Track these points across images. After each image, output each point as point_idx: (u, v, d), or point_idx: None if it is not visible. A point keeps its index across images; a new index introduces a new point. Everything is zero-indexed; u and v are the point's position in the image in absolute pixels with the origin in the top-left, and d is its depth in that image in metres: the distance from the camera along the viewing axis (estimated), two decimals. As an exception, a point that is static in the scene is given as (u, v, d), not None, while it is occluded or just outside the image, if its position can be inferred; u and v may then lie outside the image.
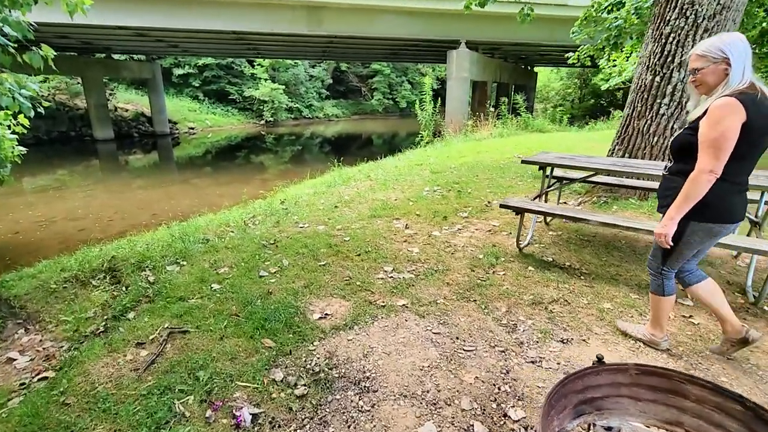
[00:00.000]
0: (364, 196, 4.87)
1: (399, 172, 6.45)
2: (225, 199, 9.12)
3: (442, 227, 3.69)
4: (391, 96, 35.53)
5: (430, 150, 8.73)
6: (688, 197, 1.68)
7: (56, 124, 18.25)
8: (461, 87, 13.16)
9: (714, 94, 1.65)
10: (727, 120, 1.57)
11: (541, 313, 2.33)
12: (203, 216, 5.88)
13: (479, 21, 12.77)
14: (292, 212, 4.35)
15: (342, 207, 4.44)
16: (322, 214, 4.20)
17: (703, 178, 1.64)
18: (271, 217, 4.21)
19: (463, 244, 3.29)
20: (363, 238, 3.40)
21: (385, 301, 2.43)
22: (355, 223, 3.83)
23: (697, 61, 1.69)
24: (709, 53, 1.65)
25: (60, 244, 6.59)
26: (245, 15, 11.35)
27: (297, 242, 3.33)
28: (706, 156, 1.63)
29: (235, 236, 3.62)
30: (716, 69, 1.64)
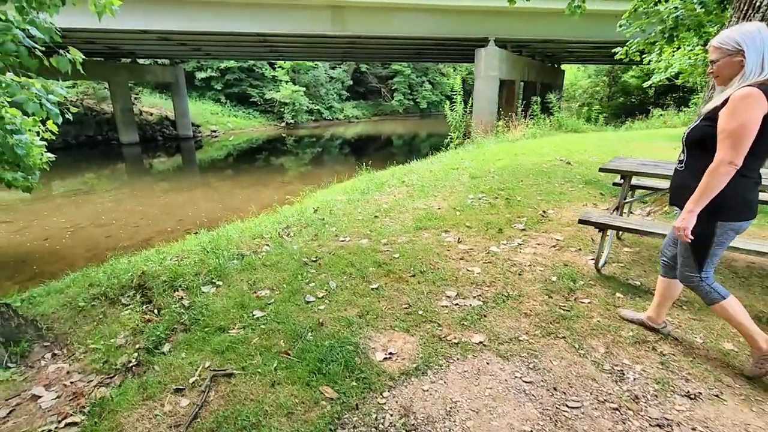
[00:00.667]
0: (404, 205, 4.52)
1: (435, 177, 6.08)
2: (250, 203, 8.91)
3: (500, 242, 3.30)
4: (412, 96, 35.15)
5: (463, 152, 8.32)
6: (706, 190, 1.62)
7: (84, 129, 18.53)
8: (490, 86, 12.69)
9: (731, 85, 1.62)
10: (749, 110, 1.52)
11: (649, 356, 1.94)
12: (232, 224, 5.65)
13: (509, 17, 12.28)
14: (329, 223, 4.03)
15: (382, 217, 4.10)
16: (362, 225, 3.87)
17: (722, 170, 1.58)
18: (307, 229, 3.90)
19: (529, 263, 2.90)
20: (413, 254, 3.05)
21: (458, 337, 2.07)
22: (401, 236, 3.48)
23: (714, 52, 1.66)
24: (725, 45, 1.62)
25: (87, 251, 6.47)
26: (269, 16, 11.17)
27: (341, 259, 3.00)
28: (725, 147, 1.57)
29: (271, 251, 3.32)
30: (731, 61, 1.61)
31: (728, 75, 1.64)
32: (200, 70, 23.91)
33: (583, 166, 6.38)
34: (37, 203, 9.08)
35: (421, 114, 36.21)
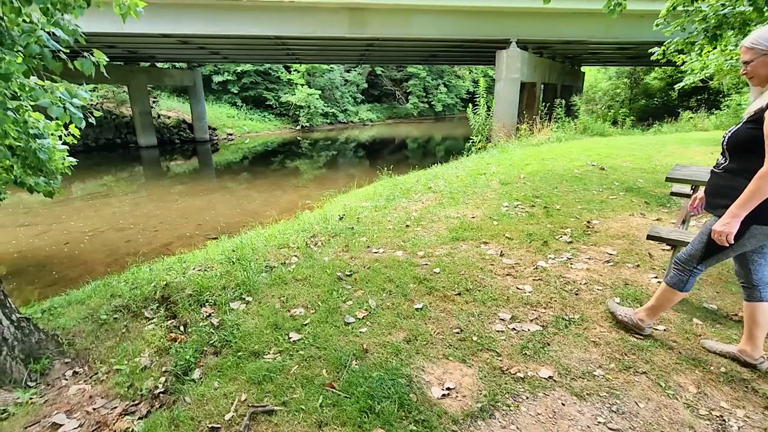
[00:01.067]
0: (435, 213, 4.29)
1: (462, 182, 5.84)
2: (269, 208, 8.80)
3: (546, 255, 3.05)
4: (427, 99, 34.94)
5: (488, 157, 8.06)
6: (755, 194, 1.55)
7: (103, 132, 18.76)
8: (511, 89, 12.38)
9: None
10: None
11: (750, 398, 1.67)
12: (253, 230, 5.50)
13: (531, 18, 11.99)
14: (358, 232, 3.83)
15: (414, 226, 3.88)
16: (394, 235, 3.66)
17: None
18: (335, 239, 3.70)
19: (585, 281, 2.65)
20: (455, 269, 2.82)
21: (522, 370, 1.83)
22: (438, 248, 3.25)
23: (747, 53, 1.61)
24: (758, 44, 1.57)
25: (107, 257, 6.39)
26: (287, 19, 11.08)
27: (377, 274, 2.79)
28: None
29: (301, 263, 3.12)
30: (764, 62, 1.56)
31: (764, 75, 1.58)
32: (217, 73, 24.07)
33: (618, 172, 6.07)
34: (57, 206, 9.09)
35: (435, 117, 35.95)
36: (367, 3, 10.82)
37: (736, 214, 1.60)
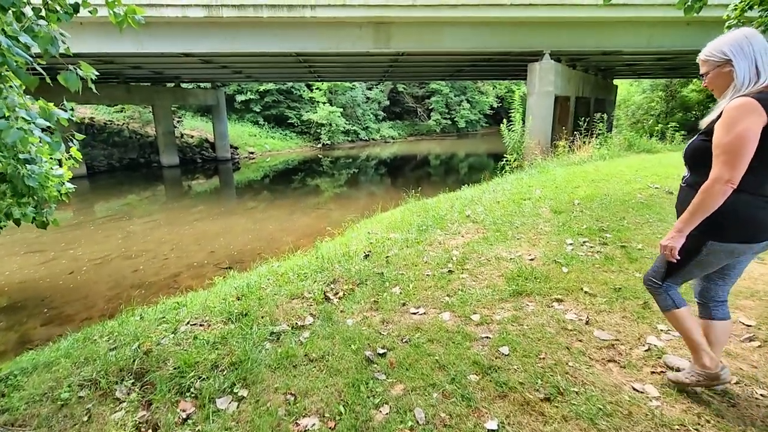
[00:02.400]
0: (482, 252, 3.51)
1: (506, 210, 5.04)
2: (286, 234, 8.18)
3: (655, 326, 2.22)
4: (449, 116, 34.36)
5: (527, 178, 7.23)
6: (699, 209, 1.49)
7: (128, 152, 18.86)
8: (545, 103, 11.55)
9: (725, 97, 1.50)
10: (744, 122, 1.39)
11: None
12: (265, 265, 4.84)
13: (566, 28, 11.23)
14: (389, 279, 3.09)
15: (459, 271, 3.11)
16: (435, 284, 2.90)
17: (717, 188, 1.44)
18: (361, 288, 2.97)
19: (735, 380, 1.81)
20: (529, 348, 2.03)
21: None
22: (497, 308, 2.48)
23: (703, 65, 1.58)
24: (711, 56, 1.54)
25: (110, 289, 5.84)
26: (309, 35, 10.69)
27: (421, 354, 2.03)
28: (720, 163, 1.44)
29: (317, 329, 2.40)
30: (720, 72, 1.52)
31: (722, 86, 1.54)
32: (240, 93, 24.18)
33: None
34: (69, 231, 8.74)
35: (458, 133, 35.25)
36: (394, 17, 10.31)
37: (680, 229, 1.56)
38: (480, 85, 36.64)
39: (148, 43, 10.40)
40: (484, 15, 10.44)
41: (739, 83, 1.46)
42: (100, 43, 10.30)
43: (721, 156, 1.44)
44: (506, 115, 43.70)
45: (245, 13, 9.86)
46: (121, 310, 3.94)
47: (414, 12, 10.21)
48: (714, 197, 1.45)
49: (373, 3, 9.98)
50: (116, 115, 21.20)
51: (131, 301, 5.50)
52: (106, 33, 10.08)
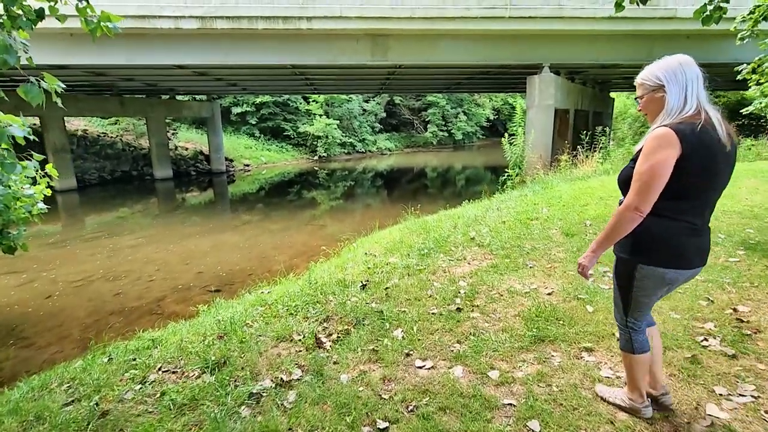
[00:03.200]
0: (493, 284, 3.18)
1: (513, 231, 4.72)
2: (279, 252, 7.81)
3: (711, 388, 1.87)
4: (446, 128, 34.32)
5: (532, 195, 6.93)
6: (610, 232, 1.55)
7: (120, 164, 18.49)
8: (545, 116, 11.35)
9: (656, 123, 1.52)
10: (658, 153, 1.43)
11: None
12: (254, 293, 4.49)
13: (566, 41, 11.09)
14: (390, 318, 2.74)
15: (468, 308, 2.77)
16: (443, 326, 2.56)
17: (627, 215, 1.50)
18: (359, 331, 2.61)
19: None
20: (564, 420, 1.68)
21: None
22: (517, 360, 2.13)
23: (639, 88, 1.60)
24: (647, 80, 1.55)
25: (89, 315, 5.44)
26: (305, 47, 10.48)
27: (431, 429, 1.66)
28: (633, 190, 1.49)
29: (305, 389, 2.03)
30: (653, 97, 1.53)
31: (654, 111, 1.55)
32: (236, 105, 23.97)
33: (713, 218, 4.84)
34: (53, 249, 8.34)
35: (454, 145, 35.19)
36: (392, 29, 10.13)
37: (594, 249, 1.60)
38: (476, 98, 36.72)
39: (140, 55, 10.14)
40: (482, 28, 10.28)
41: (668, 109, 1.48)
42: (91, 54, 10.04)
43: (635, 183, 1.48)
44: (503, 127, 43.60)
45: (240, 24, 9.64)
46: (91, 346, 3.56)
47: (412, 24, 10.03)
48: (624, 222, 1.50)
49: (371, 15, 9.80)
50: (110, 128, 20.87)
51: (108, 330, 5.11)
52: (97, 45, 9.78)
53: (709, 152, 1.43)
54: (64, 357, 4.45)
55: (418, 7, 9.81)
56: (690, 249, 1.54)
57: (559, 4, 10.06)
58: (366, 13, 9.74)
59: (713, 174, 1.47)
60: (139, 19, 9.32)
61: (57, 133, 14.21)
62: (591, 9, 10.23)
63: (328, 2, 9.65)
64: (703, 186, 1.49)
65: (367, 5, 9.76)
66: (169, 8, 9.28)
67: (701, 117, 1.44)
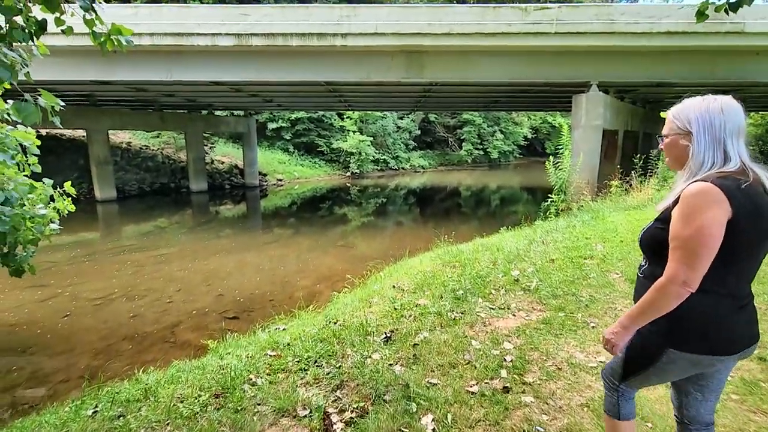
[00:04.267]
0: (548, 351, 2.57)
1: (564, 273, 4.07)
2: (303, 277, 7.41)
3: None
4: (481, 146, 33.55)
5: (580, 225, 6.20)
6: (648, 309, 1.27)
7: (159, 176, 19.02)
8: (593, 137, 10.53)
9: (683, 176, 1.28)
10: (705, 213, 1.17)
11: None
12: (268, 331, 4.07)
13: (616, 58, 10.32)
14: (417, 397, 2.19)
15: (518, 389, 2.19)
16: (485, 416, 1.99)
17: (672, 290, 1.21)
18: (377, 411, 2.08)
19: None
20: None
21: None
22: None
23: (667, 125, 1.37)
24: (677, 119, 1.31)
25: (101, 340, 5.19)
26: (339, 64, 10.29)
27: None
28: (677, 260, 1.20)
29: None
30: (677, 142, 1.30)
31: (675, 158, 1.33)
32: (272, 120, 24.37)
33: None
34: (83, 262, 8.35)
35: (489, 164, 34.29)
36: (428, 45, 9.75)
37: (625, 326, 1.33)
38: (514, 116, 35.81)
39: (178, 71, 10.27)
40: (524, 44, 9.71)
41: (697, 163, 1.26)
42: (132, 71, 10.27)
43: (678, 251, 1.22)
44: (541, 146, 42.36)
45: (274, 41, 9.56)
46: (84, 389, 3.22)
47: (449, 41, 9.61)
48: (667, 299, 1.24)
49: (407, 31, 9.48)
50: (153, 141, 21.66)
51: (116, 358, 4.83)
52: (137, 61, 10.03)
53: (758, 214, 1.20)
54: (66, 389, 4.17)
55: (456, 23, 9.40)
56: (737, 328, 1.30)
57: (611, 19, 9.36)
58: (402, 29, 9.43)
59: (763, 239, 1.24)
60: (176, 36, 9.43)
61: (100, 145, 14.72)
62: (646, 23, 9.46)
63: (364, 18, 9.43)
64: (753, 253, 1.26)
65: (403, 21, 9.46)
66: (206, 26, 9.34)
67: (748, 175, 1.21)
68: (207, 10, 9.47)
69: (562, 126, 9.88)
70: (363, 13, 9.40)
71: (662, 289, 1.24)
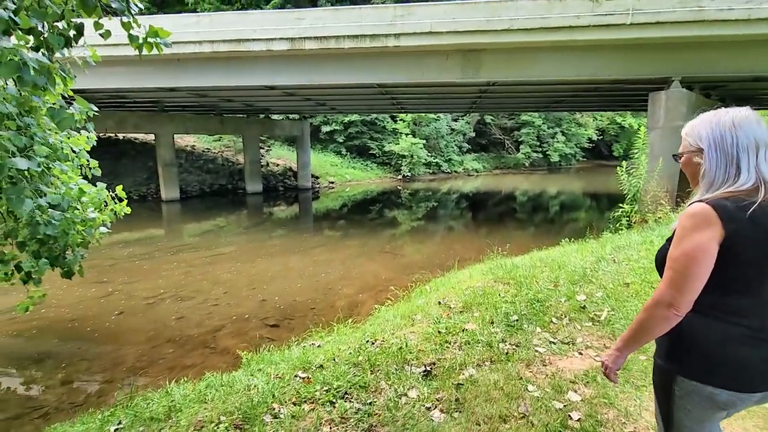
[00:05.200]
0: (627, 412, 2.05)
1: (642, 301, 3.43)
2: (346, 285, 7.17)
3: None
4: (540, 149, 31.83)
5: (660, 242, 5.37)
6: (638, 330, 1.25)
7: (218, 178, 19.96)
8: (673, 140, 9.34)
9: (696, 194, 1.24)
10: (693, 235, 1.14)
11: None
12: (302, 347, 3.84)
13: (704, 50, 9.07)
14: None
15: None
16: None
17: (658, 312, 1.18)
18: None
19: None
20: None
21: None
22: None
23: (682, 141, 1.31)
24: (688, 136, 1.28)
25: (147, 341, 5.28)
26: (391, 65, 10.01)
27: None
28: (665, 283, 1.18)
29: None
30: (690, 160, 1.27)
31: (691, 176, 1.30)
32: (326, 123, 24.76)
33: None
34: (142, 259, 8.77)
35: (549, 167, 32.42)
36: (485, 43, 9.18)
37: (619, 348, 1.32)
38: (578, 116, 33.60)
39: (234, 77, 10.55)
40: (594, 38, 8.82)
41: (708, 180, 1.20)
42: (194, 77, 10.71)
43: (667, 272, 1.19)
44: (607, 149, 39.34)
45: (327, 45, 9.50)
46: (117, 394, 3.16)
47: (509, 37, 8.97)
48: (654, 321, 1.19)
49: (463, 29, 8.98)
50: (214, 144, 22.86)
51: (158, 362, 4.86)
52: (199, 69, 10.45)
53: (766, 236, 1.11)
54: (110, 389, 4.23)
55: (517, 18, 8.75)
56: (751, 363, 1.15)
57: (698, 5, 8.21)
58: (458, 27, 8.95)
59: None
60: (234, 43, 9.67)
61: (166, 148, 15.65)
62: (742, 9, 8.19)
63: (418, 18, 9.07)
64: (763, 279, 1.16)
65: (460, 19, 8.98)
66: (261, 31, 9.48)
67: (760, 194, 1.13)
68: (262, 16, 9.62)
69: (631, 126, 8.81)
70: (417, 12, 9.05)
71: (649, 309, 1.22)
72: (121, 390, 4.17)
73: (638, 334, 1.26)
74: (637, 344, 1.31)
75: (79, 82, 11.23)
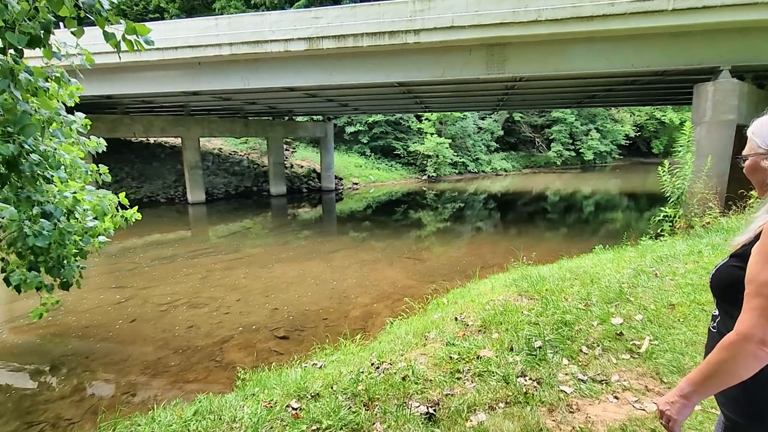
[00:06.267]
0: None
1: (689, 326, 2.92)
2: (362, 294, 6.85)
3: None
4: (573, 147, 30.48)
5: (710, 252, 4.74)
6: (714, 373, 0.99)
7: (243, 180, 20.17)
8: (723, 136, 8.45)
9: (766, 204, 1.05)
10: None
11: None
12: (304, 366, 3.56)
13: (758, 35, 8.17)
14: None
15: None
16: None
17: (745, 350, 0.94)
18: None
19: None
20: None
21: None
22: None
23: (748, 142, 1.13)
24: (756, 136, 1.09)
25: (155, 350, 5.15)
26: (411, 62, 9.62)
27: None
28: (753, 310, 0.94)
29: None
30: (758, 164, 1.08)
31: (758, 183, 1.10)
32: (350, 124, 24.62)
33: None
34: (162, 264, 8.78)
35: (582, 166, 31.00)
36: (511, 36, 8.64)
37: (685, 395, 1.04)
38: (614, 112, 31.99)
39: (254, 79, 10.47)
40: (631, 26, 8.11)
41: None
42: (215, 80, 10.70)
43: (755, 298, 0.94)
44: (646, 146, 37.29)
45: (345, 43, 9.23)
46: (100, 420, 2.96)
47: (537, 29, 8.40)
48: (738, 362, 0.95)
49: (488, 22, 8.47)
50: (240, 146, 23.17)
51: (162, 374, 4.71)
52: (219, 72, 10.44)
53: None
54: (109, 404, 4.09)
55: (545, 8, 8.16)
56: None
57: (752, -14, 7.38)
58: (482, 21, 8.46)
59: None
60: (252, 44, 9.57)
61: (192, 151, 15.88)
62: (805, -13, 7.30)
63: (439, 12, 8.65)
64: None
65: (483, 11, 8.48)
66: (279, 32, 9.34)
67: None
68: (279, 16, 9.46)
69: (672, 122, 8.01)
70: (438, 5, 8.63)
71: (733, 347, 0.96)
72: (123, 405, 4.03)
73: (716, 378, 1.00)
74: (713, 390, 1.05)
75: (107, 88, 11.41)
